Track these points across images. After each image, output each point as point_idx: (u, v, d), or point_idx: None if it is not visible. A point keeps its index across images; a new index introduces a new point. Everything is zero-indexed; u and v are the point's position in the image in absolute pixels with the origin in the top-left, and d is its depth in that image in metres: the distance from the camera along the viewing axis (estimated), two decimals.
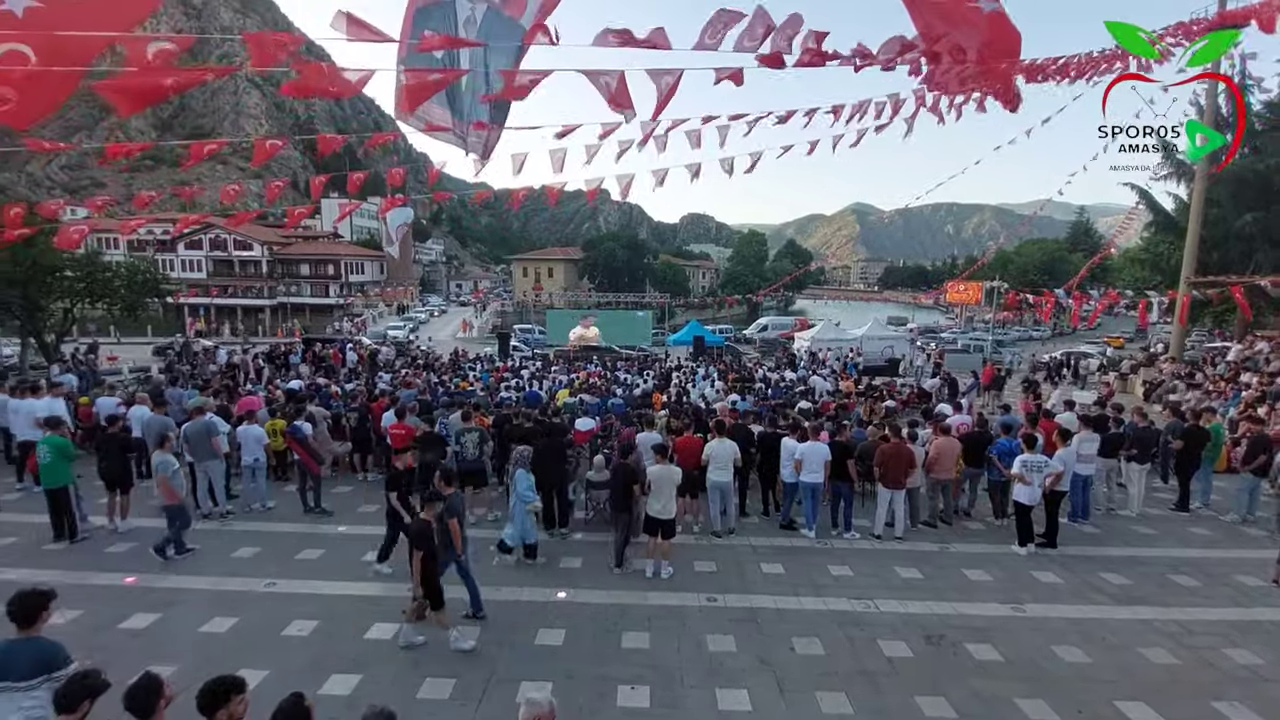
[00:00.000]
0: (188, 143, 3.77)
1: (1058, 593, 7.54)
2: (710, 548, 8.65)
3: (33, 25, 2.49)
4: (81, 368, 17.36)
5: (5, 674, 3.74)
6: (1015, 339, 45.38)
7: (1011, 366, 27.16)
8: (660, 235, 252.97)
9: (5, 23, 2.48)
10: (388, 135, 9.05)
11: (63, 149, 12.15)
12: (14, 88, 3.03)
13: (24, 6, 2.49)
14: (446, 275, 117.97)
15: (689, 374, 21.91)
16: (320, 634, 6.23)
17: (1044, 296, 22.95)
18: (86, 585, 6.90)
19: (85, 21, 2.55)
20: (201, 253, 64.92)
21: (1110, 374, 25.16)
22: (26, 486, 9.87)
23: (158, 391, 11.68)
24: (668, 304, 56.35)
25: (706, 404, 14.29)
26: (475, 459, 9.20)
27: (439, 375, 20.27)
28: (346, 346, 25.09)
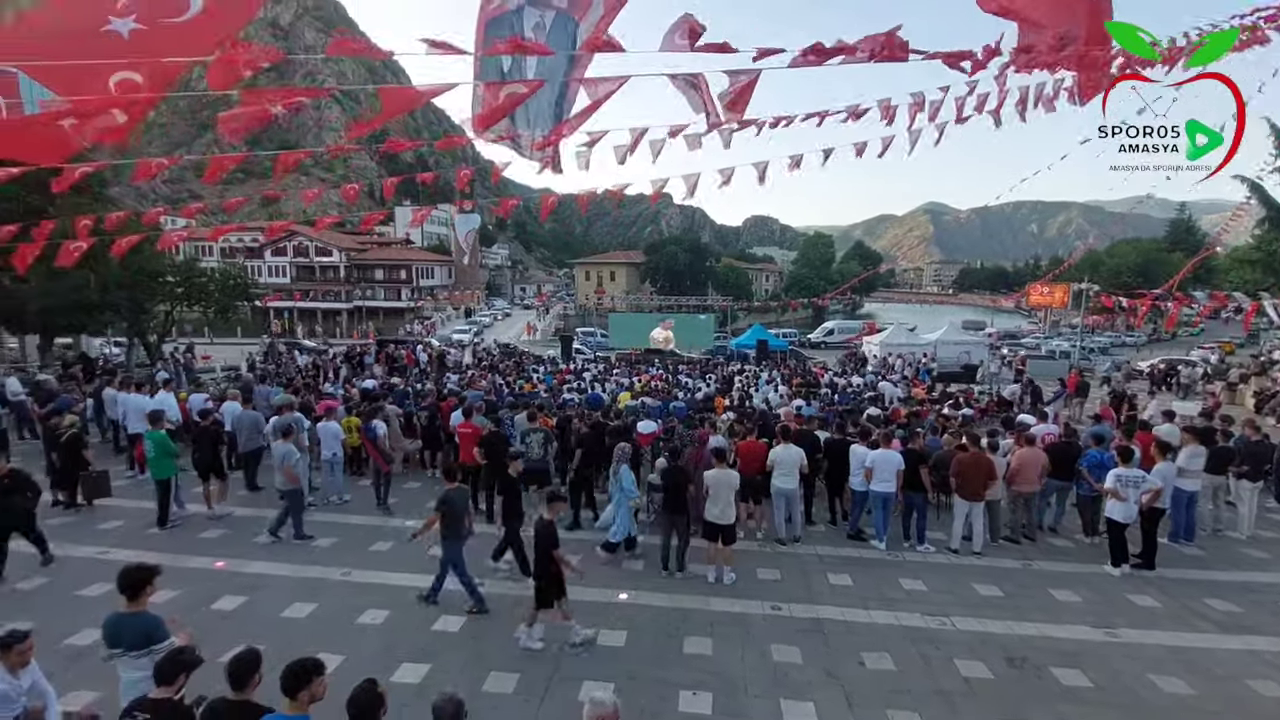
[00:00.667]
0: (276, 153, 3.99)
1: (1155, 618, 6.93)
2: (774, 555, 8.45)
3: (136, 46, 2.70)
4: (178, 366, 18.79)
5: (118, 642, 4.13)
6: (1106, 345, 42.36)
7: (1109, 375, 25.25)
8: (723, 238, 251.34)
9: (113, 45, 2.70)
10: (458, 139, 9.26)
11: (168, 164, 13.36)
12: (126, 111, 3.31)
13: (129, 29, 2.69)
14: (511, 279, 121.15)
15: (751, 378, 21.57)
16: (391, 623, 6.45)
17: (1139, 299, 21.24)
18: (181, 568, 7.40)
19: (183, 39, 2.74)
20: (286, 259, 69.19)
21: (1216, 383, 23.05)
22: (134, 474, 10.73)
23: (247, 389, 12.48)
24: (730, 307, 55.76)
25: (770, 409, 14.02)
26: (540, 459, 9.34)
27: (504, 377, 20.79)
28: (417, 348, 26.11)
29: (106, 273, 18.03)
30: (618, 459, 8.53)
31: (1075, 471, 9.06)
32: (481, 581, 6.96)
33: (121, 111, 3.19)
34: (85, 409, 11.96)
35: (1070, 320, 48.25)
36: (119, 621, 4.19)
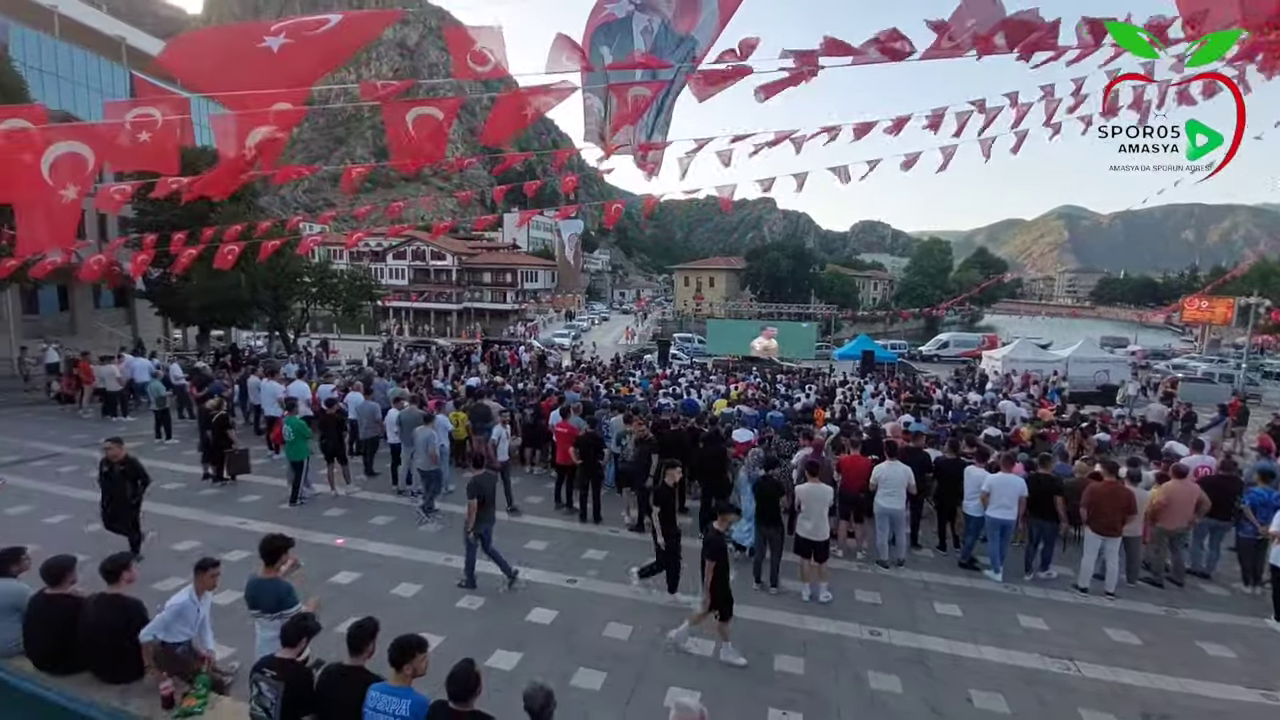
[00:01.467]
0: (395, 162, 4.29)
1: None
2: (875, 577, 7.99)
3: (285, 58, 3.01)
4: (309, 359, 20.78)
5: (256, 604, 4.59)
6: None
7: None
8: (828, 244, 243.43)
9: (265, 59, 3.03)
10: (567, 151, 9.57)
11: (307, 172, 15.01)
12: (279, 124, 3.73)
13: (279, 44, 3.01)
14: (611, 284, 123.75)
15: (855, 390, 20.63)
16: (487, 610, 6.72)
17: None
18: (307, 542, 8.09)
19: (323, 50, 3.03)
20: (405, 262, 74.60)
21: None
22: (271, 455, 11.93)
23: (368, 381, 13.53)
24: (833, 316, 53.79)
25: (874, 423, 13.32)
26: (634, 461, 9.41)
27: (601, 379, 21.20)
28: (520, 348, 27.24)
29: (255, 274, 20.28)
30: (749, 465, 8.40)
31: (1235, 511, 7.89)
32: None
33: (276, 127, 3.58)
34: (233, 394, 13.50)
35: (1234, 339, 42.27)
36: (258, 585, 4.67)
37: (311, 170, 6.59)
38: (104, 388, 14.84)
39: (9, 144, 3.44)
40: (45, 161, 3.53)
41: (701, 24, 4.97)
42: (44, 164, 3.53)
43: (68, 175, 3.60)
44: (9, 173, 3.58)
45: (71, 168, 3.59)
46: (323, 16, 3.06)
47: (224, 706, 4.20)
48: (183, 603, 4.43)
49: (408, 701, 3.45)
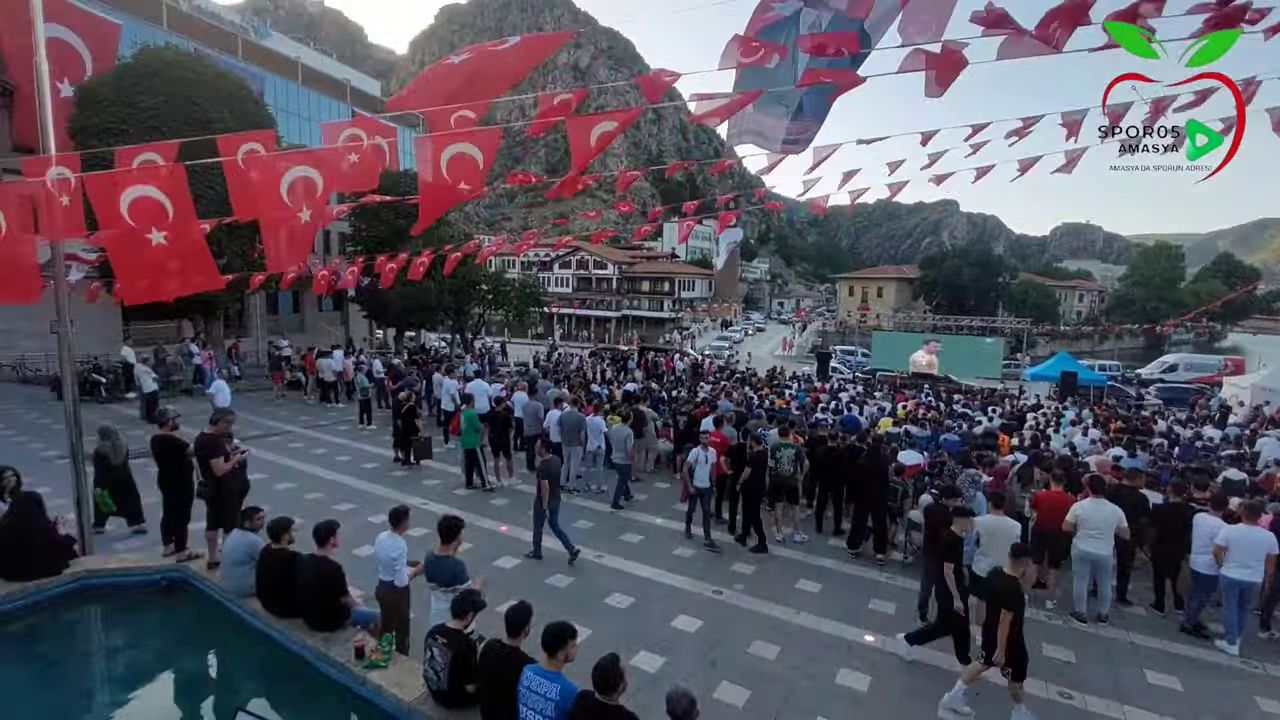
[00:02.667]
0: (555, 178, 4.57)
1: None
2: (1069, 632, 6.89)
3: (467, 70, 3.35)
4: (484, 360, 22.85)
5: (433, 578, 5.11)
6: None
7: None
8: (1021, 250, 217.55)
9: (452, 75, 3.40)
10: (726, 162, 9.63)
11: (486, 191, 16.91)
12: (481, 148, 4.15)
13: (461, 59, 3.36)
14: (769, 293, 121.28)
15: (1052, 416, 18.10)
16: (634, 610, 6.85)
17: None
18: (474, 526, 8.85)
19: (502, 66, 3.33)
20: (569, 271, 79.42)
21: None
22: (448, 445, 13.25)
23: (533, 382, 14.55)
24: (1026, 331, 47.73)
25: (1075, 455, 11.55)
26: (790, 474, 9.09)
27: (755, 391, 20.81)
28: (676, 356, 27.65)
29: (442, 281, 22.88)
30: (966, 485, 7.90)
31: None
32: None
33: (473, 144, 3.97)
34: (421, 388, 15.23)
35: None
36: (435, 561, 5.19)
37: (531, 177, 7.22)
38: (323, 378, 17.66)
39: (251, 166, 4.22)
40: (283, 185, 4.27)
41: (874, 14, 4.66)
42: (282, 187, 4.27)
43: (301, 197, 4.31)
44: (252, 193, 4.37)
45: (305, 190, 4.30)
46: (502, 39, 3.37)
47: (403, 664, 4.71)
48: (401, 547, 5.25)
49: (558, 686, 3.61)
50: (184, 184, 4.79)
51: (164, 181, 4.69)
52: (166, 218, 4.70)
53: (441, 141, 3.81)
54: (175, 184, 4.71)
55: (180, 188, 4.74)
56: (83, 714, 4.84)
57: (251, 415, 15.22)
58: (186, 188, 4.81)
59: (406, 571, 5.29)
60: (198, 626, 5.81)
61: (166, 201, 4.69)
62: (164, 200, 4.69)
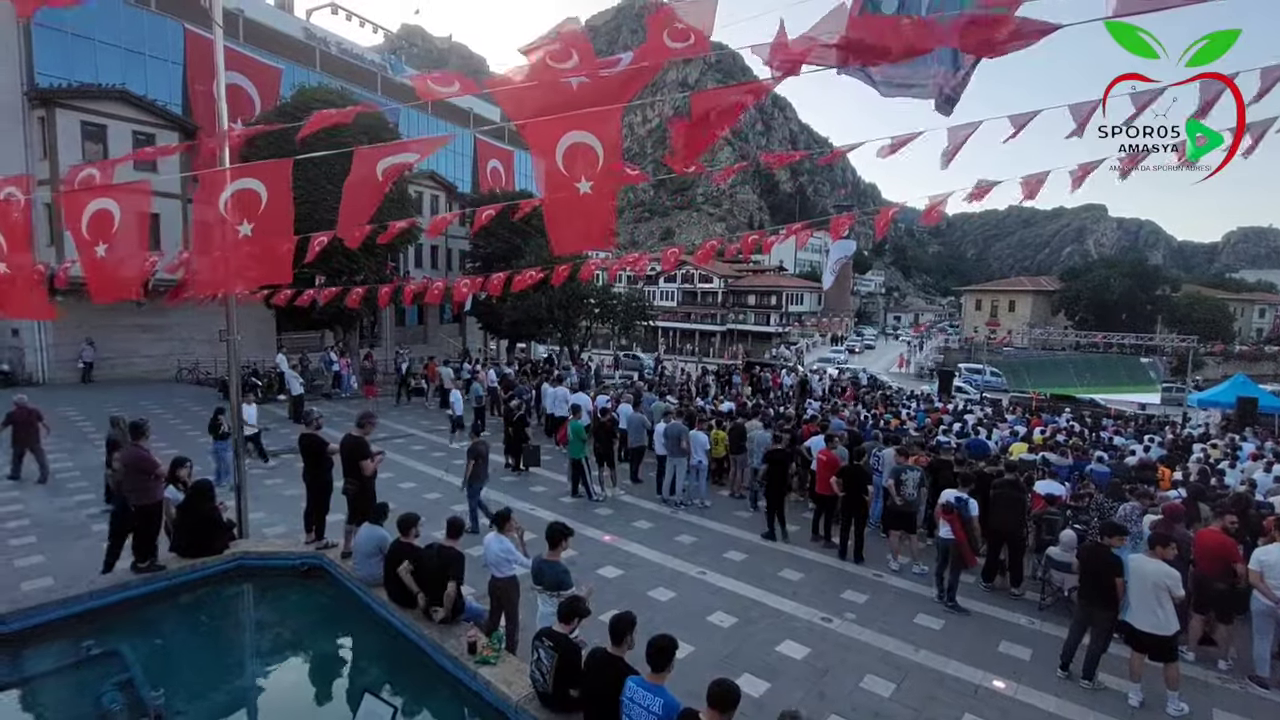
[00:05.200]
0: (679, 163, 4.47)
1: None
2: (1245, 699, 5.86)
3: (582, 94, 3.44)
4: (589, 371, 23.43)
5: (539, 581, 5.25)
6: None
7: None
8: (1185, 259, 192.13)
9: (566, 94, 3.50)
10: (837, 152, 8.67)
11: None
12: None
13: (577, 83, 3.44)
14: (885, 306, 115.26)
15: (1227, 448, 15.67)
16: (738, 631, 6.65)
17: None
18: (579, 535, 8.96)
19: (614, 87, 3.38)
20: (675, 285, 79.70)
21: None
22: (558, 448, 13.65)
23: (638, 395, 14.68)
24: (1191, 350, 41.88)
25: (1249, 492, 9.89)
26: (912, 499, 8.50)
27: (869, 409, 19.73)
28: (783, 371, 26.91)
29: (551, 295, 23.81)
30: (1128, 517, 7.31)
31: None
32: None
33: (595, 136, 3.98)
34: (531, 398, 15.84)
35: None
36: (541, 566, 5.33)
37: (644, 177, 7.31)
38: (444, 385, 18.83)
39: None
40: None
41: None
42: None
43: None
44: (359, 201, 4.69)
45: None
46: (615, 57, 3.41)
47: (511, 662, 4.86)
48: (509, 545, 5.49)
49: (661, 700, 3.56)
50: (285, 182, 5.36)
51: (268, 175, 5.31)
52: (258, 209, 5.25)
53: (555, 130, 3.82)
54: (278, 180, 5.27)
55: (281, 184, 5.32)
56: (234, 678, 5.44)
57: (380, 419, 16.58)
58: (288, 186, 5.39)
59: (518, 564, 5.46)
60: (332, 610, 6.35)
61: (263, 192, 5.25)
62: (261, 191, 5.24)
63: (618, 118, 3.84)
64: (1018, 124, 4.25)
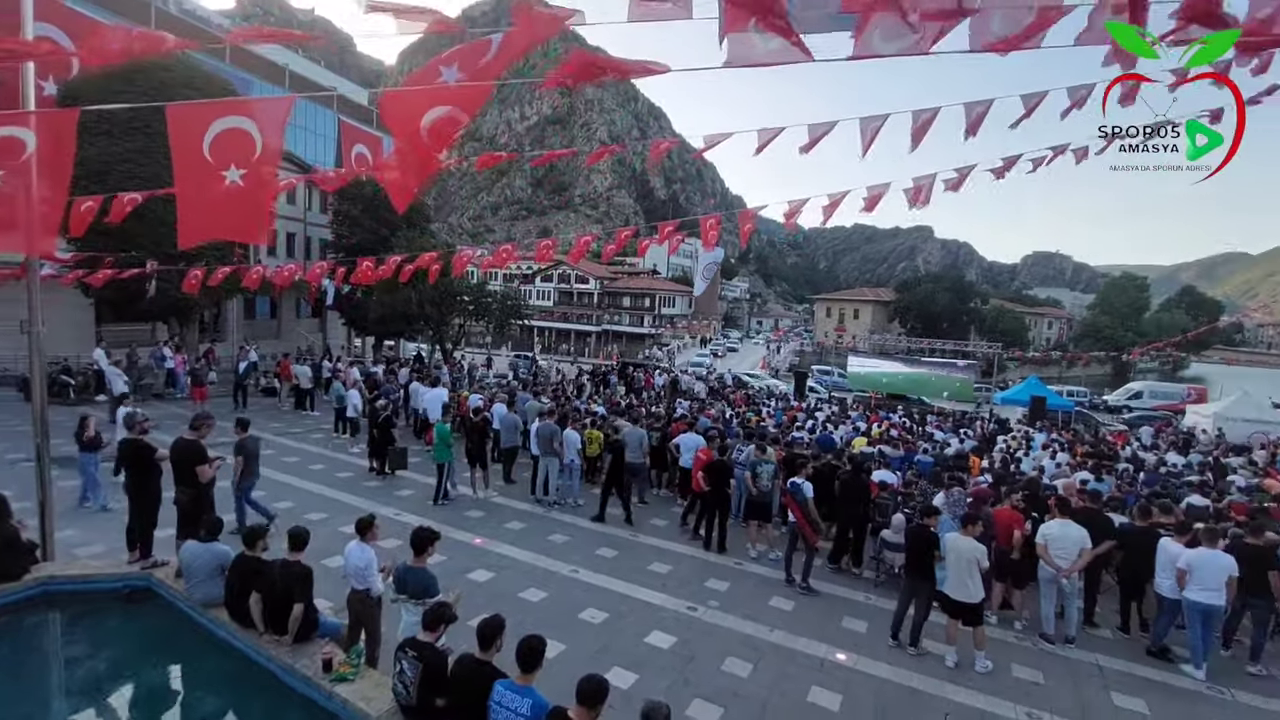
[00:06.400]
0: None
1: None
2: (1036, 653, 6.98)
3: (460, 90, 3.35)
4: (463, 371, 22.60)
5: (404, 590, 5.01)
6: None
7: None
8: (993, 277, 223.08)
9: (445, 93, 3.39)
10: (668, 141, 8.99)
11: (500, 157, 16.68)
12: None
13: (455, 78, 3.35)
14: (749, 312, 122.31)
15: (1022, 439, 18.46)
16: (608, 626, 6.78)
17: None
18: (447, 539, 8.65)
19: (494, 72, 3.31)
20: (551, 285, 79.29)
21: None
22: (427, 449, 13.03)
23: (512, 394, 14.45)
24: (997, 356, 48.74)
25: (1037, 477, 11.78)
26: (767, 490, 9.15)
27: (734, 407, 20.87)
28: (656, 372, 27.69)
29: (423, 291, 22.71)
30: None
31: None
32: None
33: (456, 108, 3.80)
34: (399, 398, 15.02)
35: None
36: (407, 572, 5.10)
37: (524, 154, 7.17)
38: (300, 385, 17.30)
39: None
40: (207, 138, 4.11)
41: None
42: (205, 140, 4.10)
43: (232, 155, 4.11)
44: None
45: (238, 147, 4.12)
46: (485, 40, 3.32)
47: (372, 677, 4.60)
48: (370, 556, 5.17)
49: (529, 701, 3.56)
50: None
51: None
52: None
53: (423, 101, 3.66)
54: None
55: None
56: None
57: (222, 421, 14.83)
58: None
59: (378, 579, 5.18)
60: (163, 636, 5.61)
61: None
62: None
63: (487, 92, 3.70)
64: (919, 129, 4.61)
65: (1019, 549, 7.44)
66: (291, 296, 28.37)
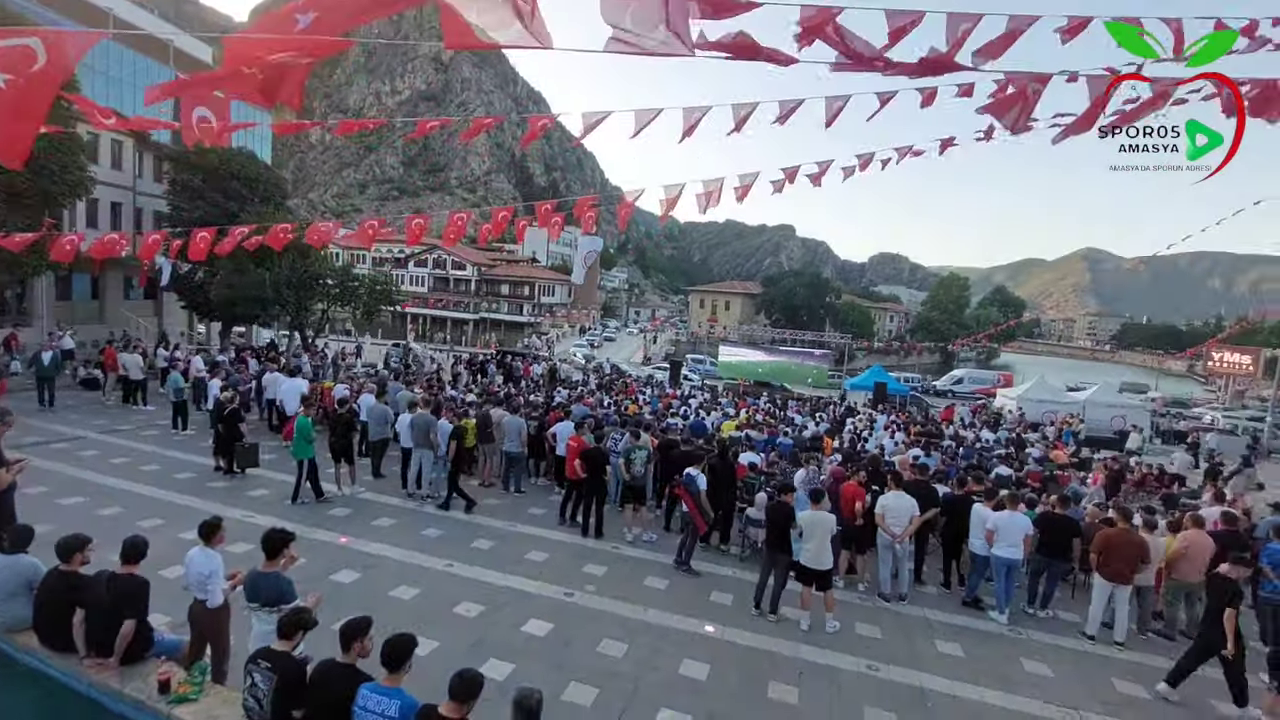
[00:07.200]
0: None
1: None
2: (875, 611, 7.87)
3: (315, 30, 3.10)
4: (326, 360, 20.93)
5: (254, 596, 4.61)
6: None
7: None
8: (846, 274, 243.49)
9: (298, 41, 3.14)
10: (545, 117, 9.13)
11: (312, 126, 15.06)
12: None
13: (310, 20, 3.11)
14: (627, 302, 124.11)
15: (867, 421, 20.48)
16: (484, 618, 6.71)
17: None
18: (308, 539, 8.13)
19: (353, 10, 3.12)
20: (426, 270, 75.53)
21: None
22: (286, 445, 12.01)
23: (382, 384, 13.65)
24: (848, 346, 53.49)
25: (883, 455, 13.20)
26: (640, 475, 9.43)
27: (612, 396, 21.20)
28: (535, 360, 27.37)
29: (279, 273, 20.71)
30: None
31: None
32: None
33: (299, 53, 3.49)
34: (250, 389, 13.67)
35: (1260, 392, 41.50)
36: (257, 578, 4.69)
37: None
38: (126, 375, 15.13)
39: None
40: None
41: None
42: None
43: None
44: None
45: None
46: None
47: (218, 694, 4.22)
48: (215, 564, 4.71)
49: (397, 702, 3.45)
50: None
51: None
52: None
53: (265, 47, 3.35)
54: None
55: None
56: None
57: (30, 418, 12.67)
58: None
59: (221, 589, 4.73)
60: None
61: None
62: None
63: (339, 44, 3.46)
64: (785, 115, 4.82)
65: (861, 518, 8.31)
66: (119, 275, 24.60)
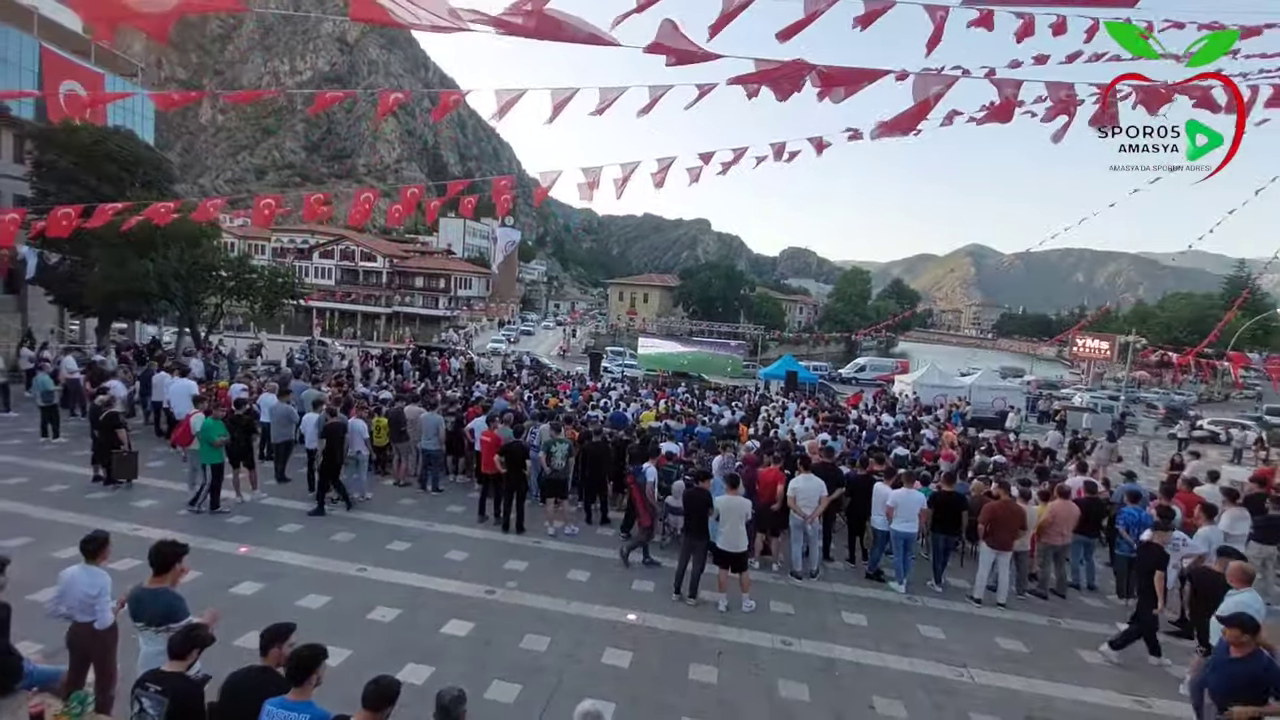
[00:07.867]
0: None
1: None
2: (788, 589, 8.29)
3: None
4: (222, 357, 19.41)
5: (140, 615, 4.24)
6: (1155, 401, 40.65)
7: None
8: (759, 268, 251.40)
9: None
10: (457, 93, 8.89)
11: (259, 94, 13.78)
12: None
13: None
14: (547, 295, 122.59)
15: (779, 409, 21.34)
16: (401, 622, 6.51)
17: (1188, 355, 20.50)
18: (206, 550, 7.59)
19: None
20: (333, 262, 71.55)
21: (1272, 449, 21.97)
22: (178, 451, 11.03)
23: (284, 382, 12.85)
24: (761, 337, 55.45)
25: (795, 440, 13.84)
26: (561, 469, 9.42)
27: (531, 390, 20.95)
28: (451, 356, 26.56)
29: (164, 264, 18.91)
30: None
31: (1102, 527, 8.78)
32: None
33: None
34: (133, 391, 12.48)
35: (1115, 374, 46.69)
36: (142, 596, 4.32)
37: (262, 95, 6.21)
38: None
39: None
40: None
41: None
42: None
43: None
44: None
45: None
46: None
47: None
48: (102, 582, 4.38)
49: (306, 716, 3.30)
50: None
51: None
52: None
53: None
54: None
55: None
56: None
57: None
58: None
59: (109, 610, 4.34)
60: None
61: None
62: None
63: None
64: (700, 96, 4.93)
65: (778, 501, 8.71)
66: None
